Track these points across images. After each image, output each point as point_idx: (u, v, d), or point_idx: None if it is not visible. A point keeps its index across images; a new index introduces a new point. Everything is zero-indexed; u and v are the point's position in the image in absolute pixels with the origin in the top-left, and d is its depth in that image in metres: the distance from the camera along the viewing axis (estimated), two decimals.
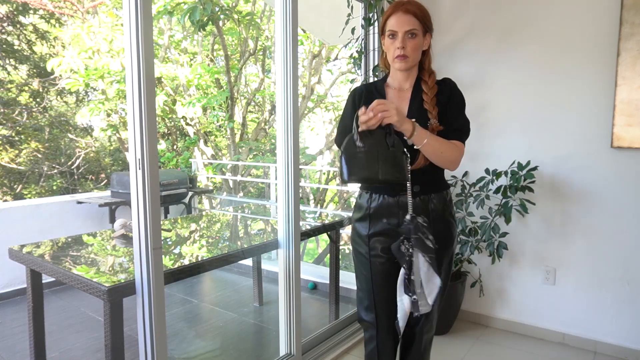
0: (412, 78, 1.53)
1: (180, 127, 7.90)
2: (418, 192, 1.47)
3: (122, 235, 2.35)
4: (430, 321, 1.61)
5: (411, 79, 1.53)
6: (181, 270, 1.84)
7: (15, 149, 7.65)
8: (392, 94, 1.54)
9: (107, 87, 6.45)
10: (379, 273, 1.53)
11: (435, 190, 1.50)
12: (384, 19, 1.50)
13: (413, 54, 1.46)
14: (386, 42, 1.49)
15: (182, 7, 5.60)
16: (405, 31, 1.44)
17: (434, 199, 1.49)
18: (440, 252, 1.47)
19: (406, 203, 1.44)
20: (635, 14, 2.23)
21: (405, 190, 1.44)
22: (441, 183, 1.55)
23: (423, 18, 1.47)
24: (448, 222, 1.53)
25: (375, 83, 1.62)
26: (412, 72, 1.53)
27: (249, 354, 2.67)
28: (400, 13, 1.45)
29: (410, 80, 1.53)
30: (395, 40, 1.45)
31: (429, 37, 1.52)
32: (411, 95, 1.52)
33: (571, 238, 2.54)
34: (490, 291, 2.82)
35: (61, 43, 7.65)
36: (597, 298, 2.50)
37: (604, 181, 2.42)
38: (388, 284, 1.51)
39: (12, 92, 7.56)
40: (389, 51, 1.49)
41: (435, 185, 1.52)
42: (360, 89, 1.60)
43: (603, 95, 2.38)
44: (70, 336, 2.85)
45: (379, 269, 1.53)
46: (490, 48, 2.70)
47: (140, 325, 1.54)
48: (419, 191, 1.47)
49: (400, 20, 1.44)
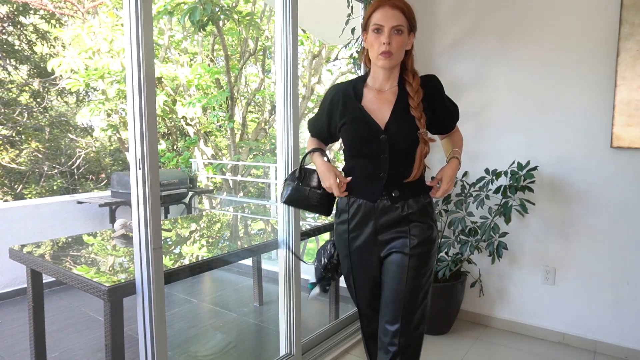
0: (394, 79, 1.47)
1: (180, 127, 7.90)
2: (397, 198, 1.45)
3: (122, 235, 2.36)
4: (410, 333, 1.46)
5: (392, 79, 1.47)
6: (181, 270, 1.84)
7: (15, 149, 7.65)
8: (371, 96, 1.47)
9: (107, 87, 6.45)
10: (359, 269, 1.55)
11: (414, 195, 1.47)
12: (368, 13, 1.42)
13: (398, 52, 1.39)
14: (369, 37, 1.41)
15: (182, 7, 5.61)
16: (392, 26, 1.36)
17: (413, 203, 1.46)
18: (419, 258, 1.45)
19: (386, 207, 1.44)
20: (635, 14, 2.23)
21: (384, 195, 1.44)
22: (421, 187, 1.50)
23: (409, 15, 1.41)
24: (426, 226, 1.48)
25: (355, 83, 1.52)
26: (394, 72, 1.46)
27: (249, 354, 2.68)
28: (387, 7, 1.37)
29: (392, 80, 1.47)
30: (380, 35, 1.37)
31: (413, 37, 1.44)
32: (396, 99, 1.45)
33: (571, 238, 2.54)
34: (490, 291, 2.82)
35: (61, 43, 7.65)
36: (597, 298, 2.50)
37: (604, 181, 2.43)
38: (367, 279, 1.54)
39: (12, 92, 7.57)
40: (372, 47, 1.40)
41: (416, 190, 1.48)
42: (337, 93, 1.51)
43: (603, 95, 2.38)
44: (70, 336, 2.85)
45: (357, 264, 1.54)
46: (490, 48, 2.70)
47: (140, 325, 1.55)
48: (398, 196, 1.45)
49: (387, 15, 1.36)
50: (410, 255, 1.44)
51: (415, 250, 1.44)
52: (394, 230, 1.46)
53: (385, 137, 1.41)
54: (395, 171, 1.43)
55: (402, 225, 1.45)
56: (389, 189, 1.44)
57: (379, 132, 1.41)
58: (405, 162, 1.43)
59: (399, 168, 1.43)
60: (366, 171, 1.47)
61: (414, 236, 1.45)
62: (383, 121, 1.42)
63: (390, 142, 1.41)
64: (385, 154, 1.42)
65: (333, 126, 1.52)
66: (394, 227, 1.45)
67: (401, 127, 1.41)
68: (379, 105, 1.45)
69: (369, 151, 1.44)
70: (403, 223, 1.45)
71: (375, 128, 1.42)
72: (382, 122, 1.42)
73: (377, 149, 1.42)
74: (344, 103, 1.48)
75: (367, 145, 1.43)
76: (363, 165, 1.47)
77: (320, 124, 1.59)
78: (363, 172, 1.48)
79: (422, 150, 1.41)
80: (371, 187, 1.46)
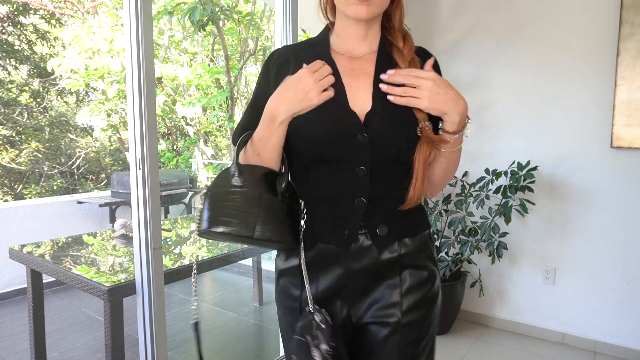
0: (372, 40, 0.92)
1: (180, 127, 7.90)
2: (385, 237, 0.88)
3: (122, 235, 2.36)
4: None
5: (370, 40, 0.92)
6: (181, 270, 1.84)
7: (15, 149, 7.66)
8: (343, 66, 0.90)
9: (107, 87, 6.45)
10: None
11: (412, 231, 0.92)
12: None
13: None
14: None
15: (182, 7, 5.61)
16: None
17: (406, 246, 0.91)
18: (417, 327, 0.91)
19: (364, 249, 0.88)
20: (635, 14, 2.23)
21: (362, 233, 0.88)
22: (421, 220, 0.95)
23: None
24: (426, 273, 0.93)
25: (315, 43, 0.94)
26: (372, 30, 0.91)
27: (249, 354, 2.68)
28: None
29: (369, 42, 0.92)
30: None
31: None
32: (375, 69, 0.89)
33: (571, 238, 2.54)
34: (490, 291, 2.82)
35: (61, 43, 7.66)
36: (597, 298, 2.50)
37: (604, 181, 2.43)
38: None
39: (12, 92, 7.57)
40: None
41: (414, 222, 0.93)
42: (285, 58, 0.92)
43: (603, 95, 2.38)
44: (70, 336, 2.85)
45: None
46: (490, 48, 2.70)
47: (140, 325, 1.55)
48: (385, 234, 0.88)
49: None
50: (404, 324, 0.90)
51: (410, 316, 0.90)
52: (375, 282, 0.90)
53: (365, 136, 0.84)
54: (381, 192, 0.88)
55: (389, 275, 0.90)
56: (370, 223, 0.88)
57: (356, 128, 0.84)
58: (396, 178, 0.89)
59: (387, 188, 0.88)
60: (331, 193, 0.88)
61: (410, 292, 0.90)
62: (361, 108, 0.85)
63: (374, 144, 0.84)
64: (365, 165, 0.85)
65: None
66: (376, 278, 0.90)
67: (391, 118, 0.85)
68: (351, 81, 0.88)
69: (336, 159, 0.86)
70: (391, 271, 0.90)
71: (350, 121, 0.84)
72: (359, 109, 0.85)
73: (351, 156, 0.85)
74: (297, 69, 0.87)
75: (334, 149, 0.85)
76: (325, 182, 0.88)
77: (256, 109, 0.92)
78: (326, 194, 0.89)
79: (425, 156, 0.87)
80: (340, 222, 0.88)
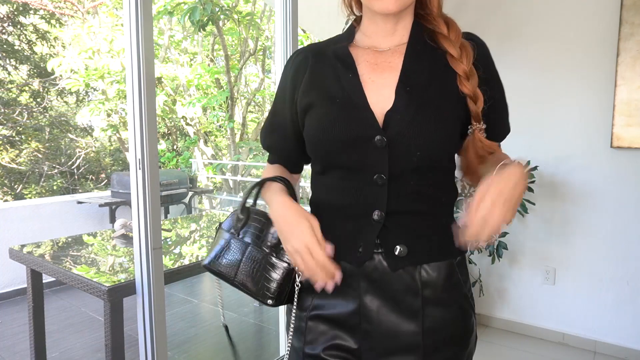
0: (403, 32, 0.81)
1: (180, 127, 7.91)
2: (404, 259, 0.75)
3: (122, 235, 2.36)
4: None
5: (400, 33, 0.81)
6: (181, 270, 1.84)
7: (15, 149, 7.66)
8: (365, 61, 0.80)
9: (107, 87, 6.46)
10: None
11: (438, 255, 0.78)
12: None
13: None
14: None
15: (182, 7, 5.62)
16: None
17: (429, 273, 0.77)
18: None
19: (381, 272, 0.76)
20: (635, 14, 2.23)
21: (378, 251, 0.76)
22: (451, 242, 0.79)
23: None
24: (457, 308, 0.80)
25: (334, 44, 0.84)
26: (402, 23, 0.81)
27: (249, 354, 2.68)
28: None
29: (400, 35, 0.81)
30: None
31: None
32: (404, 61, 0.79)
33: (571, 238, 2.54)
34: (490, 291, 2.82)
35: (61, 43, 7.66)
36: (597, 298, 2.50)
37: (604, 181, 2.43)
38: None
39: (12, 92, 7.57)
40: None
41: (441, 244, 0.79)
42: (304, 56, 0.85)
43: (603, 95, 2.38)
44: (70, 336, 2.85)
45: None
46: (490, 48, 2.69)
47: (140, 325, 1.55)
48: (405, 255, 0.75)
49: None
50: None
51: (436, 357, 0.77)
52: (393, 314, 0.77)
53: (382, 139, 0.74)
54: (402, 205, 0.76)
55: (409, 307, 0.77)
56: (387, 241, 0.76)
57: (372, 129, 0.74)
58: (420, 188, 0.77)
59: (410, 200, 0.77)
60: (345, 202, 0.78)
61: (434, 330, 0.77)
62: (381, 106, 0.76)
63: (393, 148, 0.74)
64: (384, 173, 0.75)
65: (300, 117, 0.82)
66: (394, 307, 0.77)
67: (415, 120, 0.74)
68: (374, 76, 0.78)
69: (350, 165, 0.77)
70: (412, 302, 0.77)
71: (366, 121, 0.75)
72: (379, 107, 0.76)
73: (367, 162, 0.75)
74: (315, 69, 0.82)
75: (348, 153, 0.76)
76: (340, 190, 0.79)
77: (279, 121, 0.88)
78: (340, 203, 0.79)
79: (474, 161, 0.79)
80: (354, 236, 0.77)
